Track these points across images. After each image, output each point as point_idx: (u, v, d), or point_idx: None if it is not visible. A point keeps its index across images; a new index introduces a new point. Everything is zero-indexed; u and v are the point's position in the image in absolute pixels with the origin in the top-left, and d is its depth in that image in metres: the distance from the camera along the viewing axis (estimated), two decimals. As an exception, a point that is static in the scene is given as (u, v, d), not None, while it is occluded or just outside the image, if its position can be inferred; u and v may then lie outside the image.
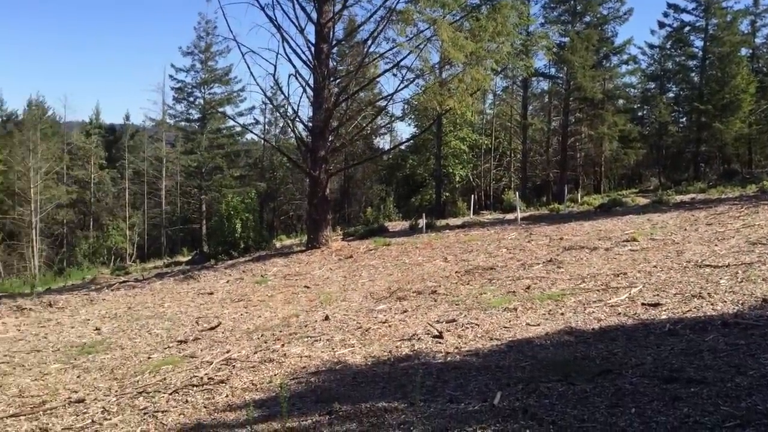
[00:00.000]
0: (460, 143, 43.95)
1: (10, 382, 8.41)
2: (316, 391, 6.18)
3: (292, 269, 16.49)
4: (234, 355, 8.16)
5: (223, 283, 15.89)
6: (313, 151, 20.20)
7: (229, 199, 25.02)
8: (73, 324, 12.61)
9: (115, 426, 6.01)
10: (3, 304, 16.49)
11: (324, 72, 19.79)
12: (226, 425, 5.55)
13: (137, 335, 10.69)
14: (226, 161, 49.78)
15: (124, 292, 16.74)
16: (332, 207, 21.69)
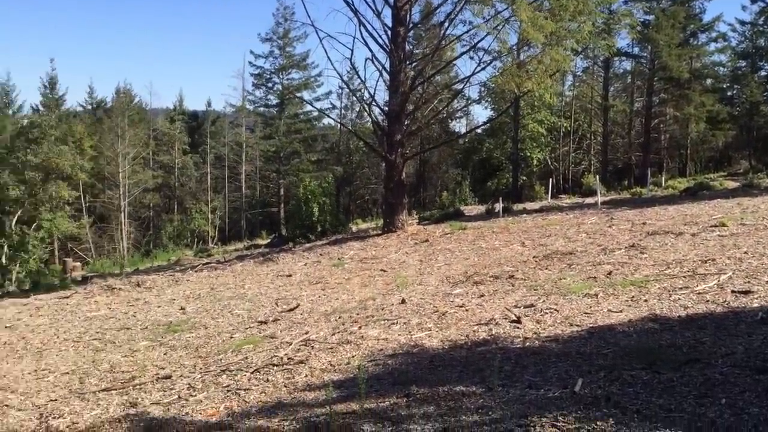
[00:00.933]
0: (538, 126, 43.09)
1: (102, 357, 8.82)
2: (393, 374, 6.21)
3: (369, 253, 16.61)
4: (312, 336, 8.29)
5: (301, 265, 16.16)
6: (389, 135, 20.22)
7: (307, 183, 25.34)
8: (160, 303, 13.11)
9: (200, 402, 6.22)
10: (95, 283, 17.32)
11: (400, 55, 19.74)
12: (305, 404, 5.65)
13: (220, 315, 11.01)
14: (304, 146, 50.45)
15: (206, 273, 17.25)
16: (408, 191, 21.71)
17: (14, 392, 7.58)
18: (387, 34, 19.97)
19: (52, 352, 9.69)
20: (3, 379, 8.27)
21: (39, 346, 10.25)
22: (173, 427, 5.55)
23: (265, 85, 51.04)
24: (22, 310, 14.25)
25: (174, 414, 5.98)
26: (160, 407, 6.25)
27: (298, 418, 5.27)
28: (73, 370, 8.29)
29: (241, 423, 5.41)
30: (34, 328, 11.86)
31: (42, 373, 8.38)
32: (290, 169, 49.53)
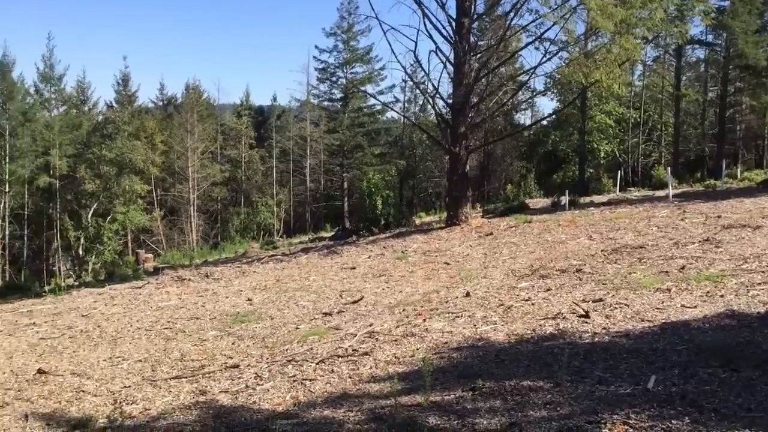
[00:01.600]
0: (605, 117, 42.07)
1: (173, 346, 9.06)
2: (458, 367, 6.16)
3: (432, 246, 16.55)
4: (377, 328, 8.31)
5: (365, 258, 16.23)
6: (452, 128, 20.08)
7: (370, 177, 25.49)
8: (228, 294, 13.38)
9: (267, 391, 6.31)
10: (166, 274, 17.81)
11: (464, 47, 19.56)
12: (370, 396, 5.66)
13: (285, 306, 11.15)
14: (367, 139, 50.66)
15: (272, 265, 17.52)
16: (471, 184, 21.55)
17: (90, 378, 7.85)
18: (451, 25, 19.81)
19: (126, 340, 10.00)
20: (80, 366, 8.59)
21: (113, 334, 10.61)
22: (241, 415, 5.65)
23: (329, 80, 51.45)
24: (97, 299, 14.79)
25: (242, 402, 6.08)
26: (229, 395, 6.38)
27: (363, 409, 5.28)
28: (146, 358, 8.53)
29: (307, 413, 5.46)
30: (109, 317, 12.28)
31: (116, 360, 8.66)
32: (354, 163, 49.85)
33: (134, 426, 5.79)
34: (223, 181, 51.72)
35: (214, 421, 5.59)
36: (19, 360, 9.61)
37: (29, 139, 41.55)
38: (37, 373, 8.38)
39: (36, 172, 41.94)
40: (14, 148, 40.83)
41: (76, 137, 44.00)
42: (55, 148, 42.03)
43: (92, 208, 42.45)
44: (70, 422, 6.21)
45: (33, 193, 43.43)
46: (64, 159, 42.43)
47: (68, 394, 7.25)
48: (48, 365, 8.76)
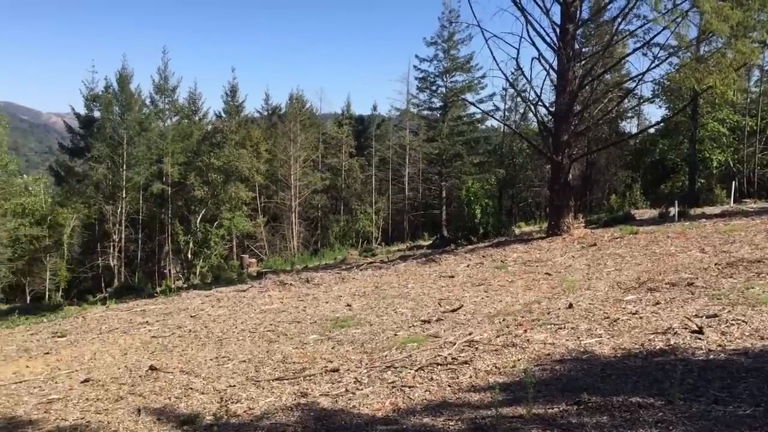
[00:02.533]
0: (718, 125, 39.97)
1: (275, 348, 9.28)
2: (561, 380, 5.98)
3: (533, 255, 16.22)
4: (476, 337, 8.20)
5: (464, 267, 16.10)
6: (555, 136, 19.66)
7: (469, 186, 25.26)
8: (327, 299, 13.59)
9: (367, 396, 6.34)
10: (269, 279, 18.30)
11: (569, 53, 19.12)
12: (471, 405, 5.58)
13: (384, 313, 11.21)
14: (466, 148, 50.36)
15: (371, 272, 17.67)
16: (574, 194, 20.96)
17: (198, 376, 8.16)
18: (555, 31, 19.43)
19: (231, 341, 10.34)
20: (188, 364, 8.94)
21: (219, 334, 10.99)
22: (341, 419, 5.70)
23: (429, 89, 51.54)
24: (205, 301, 15.39)
25: (342, 406, 6.14)
26: (329, 398, 6.45)
27: (463, 418, 5.21)
28: (250, 359, 8.78)
29: (407, 419, 5.44)
30: (215, 318, 12.74)
31: (222, 360, 8.96)
32: (452, 172, 49.66)
33: (239, 424, 5.95)
34: (323, 188, 52.76)
35: (315, 423, 5.67)
36: (132, 356, 10.13)
37: (144, 147, 43.86)
38: (149, 369, 8.79)
39: (150, 179, 44.20)
40: (131, 157, 43.24)
41: (187, 146, 46.04)
42: (167, 157, 44.15)
43: (200, 213, 44.26)
44: (179, 418, 6.46)
45: (147, 199, 45.75)
46: (175, 167, 44.50)
47: (177, 391, 7.55)
48: (159, 362, 9.17)
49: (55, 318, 16.23)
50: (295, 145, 48.57)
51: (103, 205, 43.85)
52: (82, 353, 10.88)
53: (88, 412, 7.15)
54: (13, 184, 42.31)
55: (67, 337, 12.78)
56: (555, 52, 19.61)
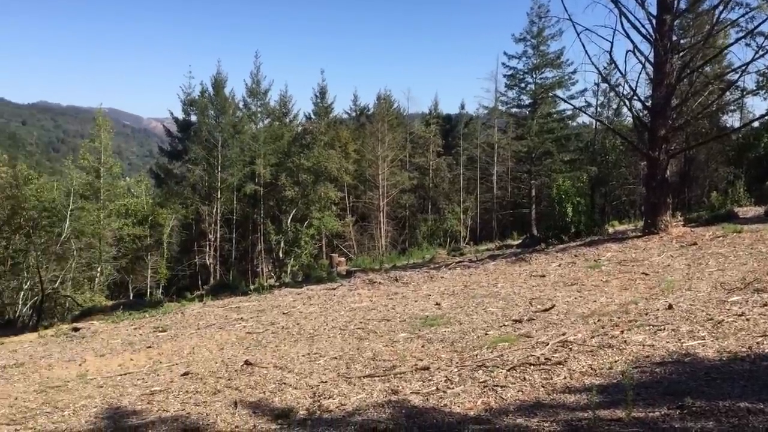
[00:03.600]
0: (830, 117, 37.52)
1: (365, 346, 9.35)
2: (662, 383, 5.74)
3: (628, 255, 15.67)
4: (570, 337, 8.00)
5: (555, 266, 15.75)
6: (651, 131, 18.93)
7: (560, 184, 24.69)
8: (416, 298, 13.59)
9: (458, 395, 6.28)
10: (358, 277, 18.48)
11: (665, 45, 18.37)
12: (566, 407, 5.44)
13: (474, 312, 11.10)
14: (556, 146, 49.34)
15: (460, 271, 17.55)
16: (671, 191, 20.12)
17: (291, 372, 8.31)
18: (651, 23, 18.71)
19: (322, 337, 10.50)
20: (282, 360, 9.13)
21: (311, 331, 11.18)
22: (433, 417, 5.67)
23: (518, 86, 50.83)
24: (296, 299, 15.70)
25: (433, 404, 6.11)
26: (420, 396, 6.44)
27: (558, 420, 5.08)
28: (340, 356, 8.88)
29: (499, 419, 5.36)
30: (307, 315, 12.98)
31: (314, 356, 9.10)
32: (542, 170, 48.80)
33: (331, 419, 6.02)
34: (411, 188, 52.88)
35: (407, 421, 5.66)
36: (228, 351, 10.44)
37: (238, 149, 45.27)
38: (244, 364, 9.04)
39: (243, 180, 45.56)
40: (225, 159, 44.73)
41: (278, 147, 47.17)
42: (260, 158, 45.38)
43: (291, 213, 45.22)
44: (274, 412, 6.60)
45: (241, 199, 47.18)
46: (267, 168, 45.67)
47: (271, 386, 7.72)
48: (254, 357, 9.41)
49: (156, 313, 16.96)
50: (383, 145, 48.91)
51: (200, 206, 45.54)
52: (181, 347, 11.31)
53: (187, 404, 7.42)
54: (117, 187, 44.57)
55: (167, 332, 13.33)
56: (651, 44, 18.89)
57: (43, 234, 37.34)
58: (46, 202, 36.52)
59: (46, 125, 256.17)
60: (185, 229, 48.75)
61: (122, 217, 43.61)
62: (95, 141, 42.53)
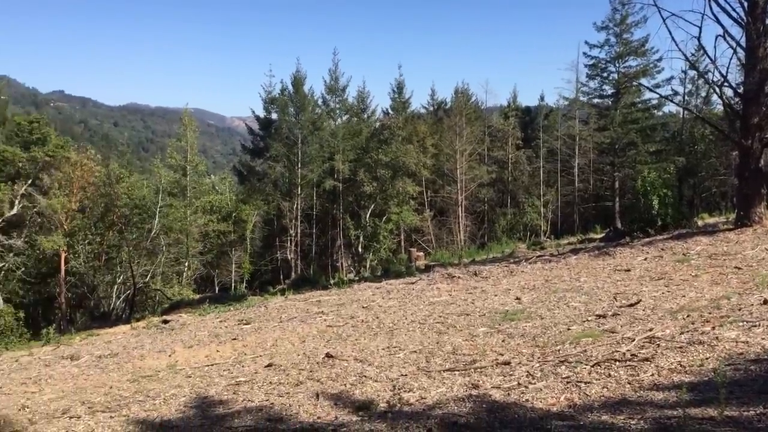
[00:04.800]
0: None
1: (445, 340, 9.32)
2: (757, 381, 5.48)
3: (719, 248, 15.02)
4: (657, 333, 7.73)
5: (640, 260, 15.26)
6: (743, 119, 18.07)
7: (645, 175, 23.92)
8: (496, 292, 13.45)
9: (540, 390, 6.18)
10: (436, 272, 18.45)
11: (758, 29, 17.48)
12: (653, 404, 5.27)
13: (555, 307, 10.89)
14: (641, 136, 47.73)
15: (540, 265, 17.26)
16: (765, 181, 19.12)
17: (371, 365, 8.38)
18: (742, 6, 17.83)
19: (402, 331, 10.53)
20: (362, 353, 9.22)
21: (390, 325, 11.24)
22: (514, 412, 5.60)
23: (600, 75, 49.41)
24: (375, 293, 15.82)
25: (514, 399, 6.03)
26: (501, 391, 6.37)
27: (645, 417, 4.93)
28: (420, 350, 8.88)
29: (583, 416, 5.24)
30: (386, 309, 13.05)
31: (393, 350, 9.14)
32: (626, 161, 47.34)
33: (411, 413, 6.03)
34: (489, 182, 52.34)
35: (488, 415, 5.61)
36: (310, 344, 10.62)
37: (317, 146, 45.92)
38: (325, 356, 9.17)
39: (323, 176, 46.19)
40: (305, 155, 45.46)
41: (357, 143, 47.56)
42: (338, 154, 45.88)
43: (370, 208, 45.56)
44: (355, 404, 6.67)
45: (320, 195, 47.87)
46: (346, 164, 46.11)
47: (352, 378, 7.80)
48: (334, 350, 9.54)
49: (241, 307, 17.44)
50: (461, 139, 48.60)
51: (281, 202, 46.47)
52: (264, 340, 11.59)
53: (271, 394, 7.59)
54: (202, 184, 46.05)
55: (251, 325, 13.69)
56: (743, 28, 18.01)
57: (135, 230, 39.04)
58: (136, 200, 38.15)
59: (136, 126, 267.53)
60: (267, 224, 49.86)
61: (207, 213, 45.01)
62: (182, 140, 44.08)
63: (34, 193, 36.51)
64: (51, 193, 36.86)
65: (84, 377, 10.91)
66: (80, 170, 38.37)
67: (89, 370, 11.50)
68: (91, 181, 39.37)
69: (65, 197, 37.17)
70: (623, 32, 46.86)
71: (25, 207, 36.15)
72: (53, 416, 8.04)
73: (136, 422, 7.17)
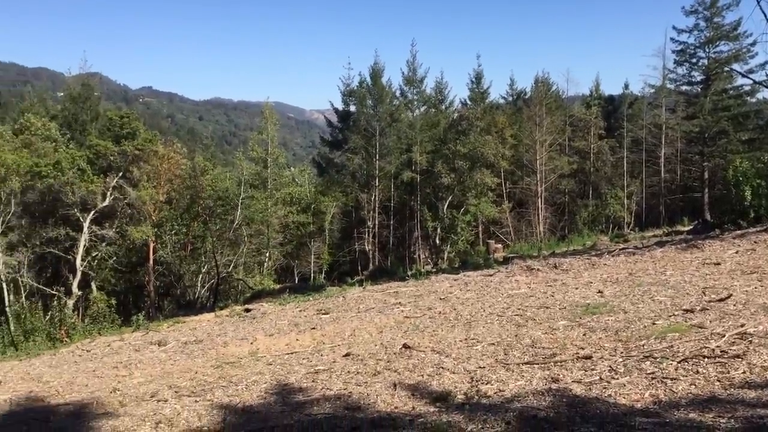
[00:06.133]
0: None
1: (523, 333, 9.17)
2: None
3: (818, 242, 14.22)
4: (750, 329, 7.37)
5: (731, 253, 14.59)
6: None
7: (737, 165, 22.88)
8: (577, 285, 13.14)
9: (623, 386, 5.99)
10: (515, 264, 18.20)
11: None
12: (745, 403, 5.03)
13: (639, 300, 10.54)
14: (733, 124, 45.67)
15: (623, 258, 16.76)
16: None
17: (448, 356, 8.34)
18: None
19: (479, 323, 10.43)
20: (439, 344, 9.19)
21: (468, 317, 11.15)
22: (596, 407, 5.45)
23: (688, 61, 47.53)
24: (453, 285, 15.74)
25: (596, 394, 5.87)
26: (582, 386, 6.21)
27: (736, 416, 4.70)
28: (498, 342, 8.77)
29: (669, 413, 5.05)
30: (464, 301, 12.96)
31: (471, 342, 9.06)
32: (716, 151, 45.43)
33: (489, 405, 5.96)
34: (570, 172, 51.25)
35: (568, 409, 5.49)
36: (387, 334, 10.67)
37: (395, 138, 46.08)
38: (402, 347, 9.19)
39: (400, 168, 46.34)
40: (383, 147, 45.70)
41: (434, 134, 47.46)
42: (416, 145, 45.90)
43: (447, 200, 45.40)
44: (432, 395, 6.65)
45: (398, 186, 48.04)
46: (424, 155, 46.10)
47: (429, 369, 7.78)
48: (411, 341, 9.54)
49: (319, 297, 17.70)
50: (541, 129, 47.72)
51: (359, 194, 46.91)
52: (343, 329, 11.72)
53: (349, 383, 7.66)
54: (282, 176, 47.05)
55: (329, 315, 13.87)
56: None
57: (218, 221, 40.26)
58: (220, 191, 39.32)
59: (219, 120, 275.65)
60: (345, 216, 50.45)
61: (287, 205, 45.94)
62: (263, 133, 45.11)
63: (125, 185, 38.19)
64: (140, 185, 38.51)
65: (171, 362, 11.34)
66: (167, 163, 39.88)
67: (176, 356, 11.94)
68: (178, 173, 40.87)
69: (153, 189, 38.75)
70: (714, 16, 44.91)
71: (116, 198, 37.89)
72: (142, 399, 8.38)
73: (219, 407, 7.38)
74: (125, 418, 7.51)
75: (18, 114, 50.82)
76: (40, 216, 37.78)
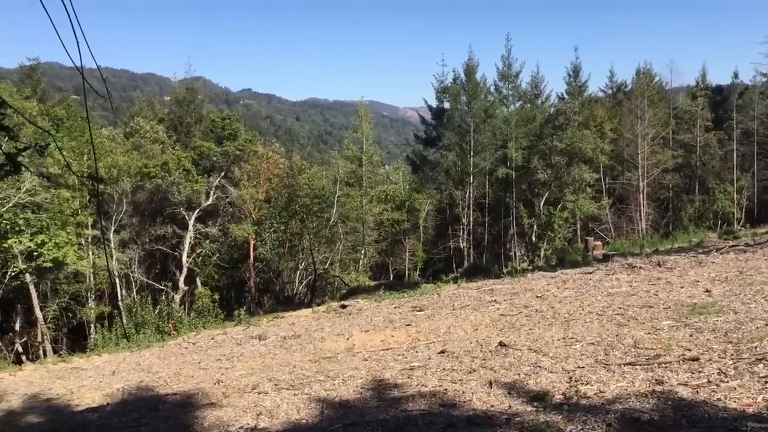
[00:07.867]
0: None
1: (625, 332, 8.87)
2: None
3: None
4: None
5: None
6: None
7: None
8: (682, 284, 12.59)
9: (733, 390, 5.70)
10: (616, 261, 17.63)
11: None
12: None
13: (751, 300, 9.99)
14: None
15: (733, 255, 15.93)
16: None
17: (546, 355, 8.18)
18: None
19: (578, 322, 10.17)
20: (536, 343, 9.02)
21: (566, 315, 10.90)
22: (704, 411, 5.20)
23: (805, 47, 44.59)
24: (550, 282, 15.42)
25: (703, 398, 5.61)
26: (688, 389, 5.95)
27: None
28: (598, 342, 8.53)
29: (786, 420, 4.75)
30: (561, 299, 12.67)
31: (569, 341, 8.85)
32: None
33: (589, 406, 5.80)
34: (675, 167, 49.09)
35: (674, 412, 5.26)
36: (483, 332, 10.59)
37: (490, 134, 45.59)
38: (498, 345, 9.09)
39: (495, 164, 45.82)
40: (477, 143, 45.30)
41: (530, 130, 46.63)
42: (511, 141, 45.25)
43: (544, 197, 44.50)
44: (529, 394, 6.54)
45: (492, 183, 47.52)
46: (519, 151, 45.39)
47: (526, 368, 7.66)
48: (507, 339, 9.42)
49: (414, 294, 17.75)
50: (643, 123, 45.91)
51: (453, 191, 46.71)
52: (437, 327, 11.71)
53: (444, 380, 7.65)
54: (377, 174, 47.43)
55: (424, 312, 13.89)
56: None
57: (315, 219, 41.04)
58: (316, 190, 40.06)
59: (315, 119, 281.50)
60: (440, 213, 50.37)
61: (382, 202, 46.28)
62: (357, 132, 45.61)
63: (227, 185, 39.63)
64: (241, 185, 39.86)
65: (270, 356, 11.68)
66: (266, 163, 41.08)
67: (275, 350, 12.29)
68: (276, 172, 42.00)
69: (253, 188, 40.03)
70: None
71: (219, 197, 39.38)
72: (244, 391, 8.68)
73: (317, 400, 7.54)
74: (228, 409, 7.79)
75: (128, 118, 53.71)
76: (149, 215, 39.86)
